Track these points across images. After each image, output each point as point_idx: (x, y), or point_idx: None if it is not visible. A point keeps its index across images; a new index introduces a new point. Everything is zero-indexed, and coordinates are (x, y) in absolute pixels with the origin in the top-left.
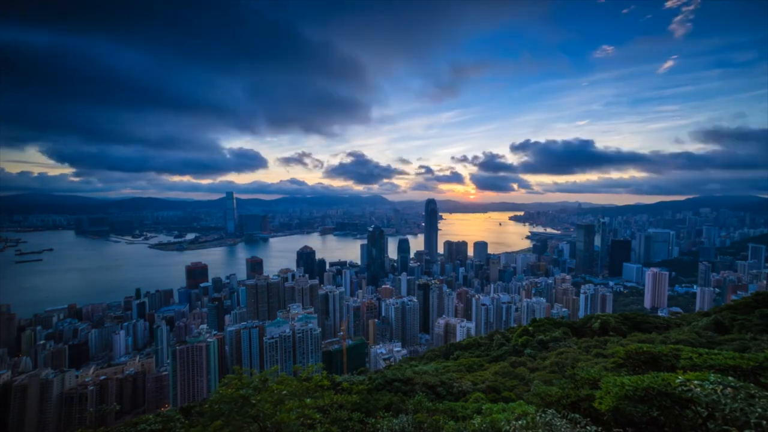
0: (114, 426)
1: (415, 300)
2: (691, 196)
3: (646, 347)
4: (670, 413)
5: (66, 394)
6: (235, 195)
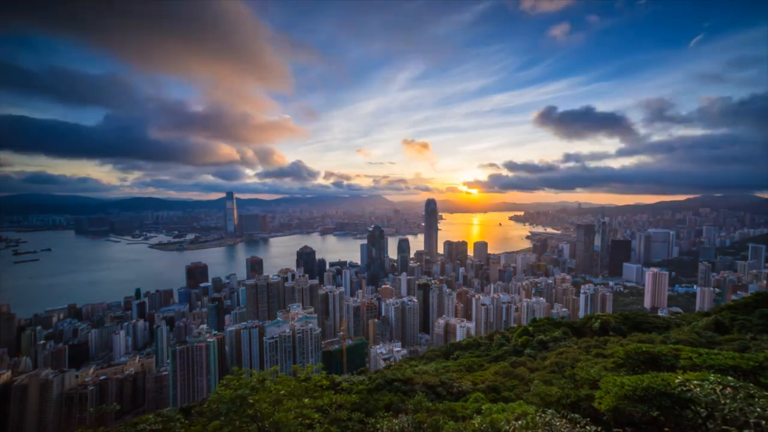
0: (114, 426)
1: (415, 300)
2: (691, 196)
3: (646, 347)
4: (669, 413)
5: (66, 394)
6: (235, 195)
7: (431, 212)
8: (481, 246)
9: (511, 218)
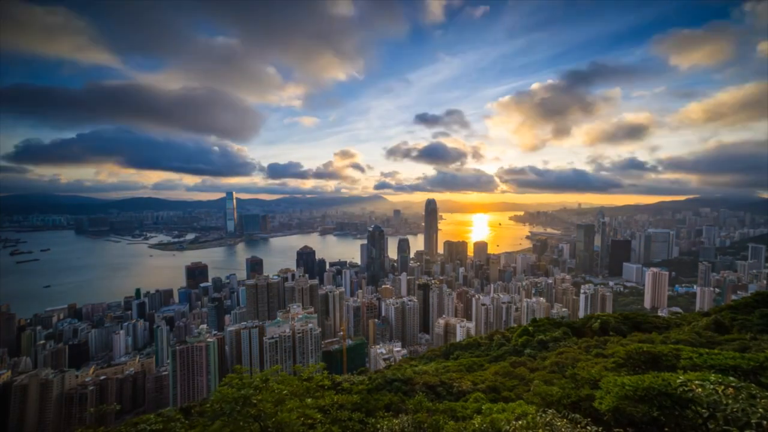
0: (114, 426)
1: (415, 300)
2: (691, 196)
3: (646, 347)
4: (670, 413)
5: (66, 394)
6: (235, 195)
7: (431, 212)
8: (481, 246)
9: (511, 218)
